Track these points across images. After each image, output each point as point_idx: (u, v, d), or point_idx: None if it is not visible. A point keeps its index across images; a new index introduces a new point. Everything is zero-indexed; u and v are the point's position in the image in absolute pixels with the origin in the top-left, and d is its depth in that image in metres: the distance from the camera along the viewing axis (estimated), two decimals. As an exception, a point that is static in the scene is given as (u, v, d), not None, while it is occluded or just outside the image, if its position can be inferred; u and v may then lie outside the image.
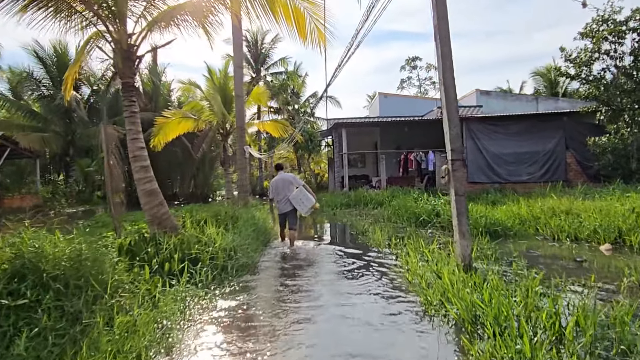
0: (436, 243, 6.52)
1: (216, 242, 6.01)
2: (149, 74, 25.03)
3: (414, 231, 9.37)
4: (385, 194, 16.08)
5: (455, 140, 4.97)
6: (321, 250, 7.97)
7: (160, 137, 14.96)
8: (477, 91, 22.58)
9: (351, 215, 13.84)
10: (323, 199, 18.17)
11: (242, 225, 7.67)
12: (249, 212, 9.81)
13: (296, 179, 8.91)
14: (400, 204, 12.32)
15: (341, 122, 19.95)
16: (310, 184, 30.80)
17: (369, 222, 11.42)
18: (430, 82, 44.96)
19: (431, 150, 18.77)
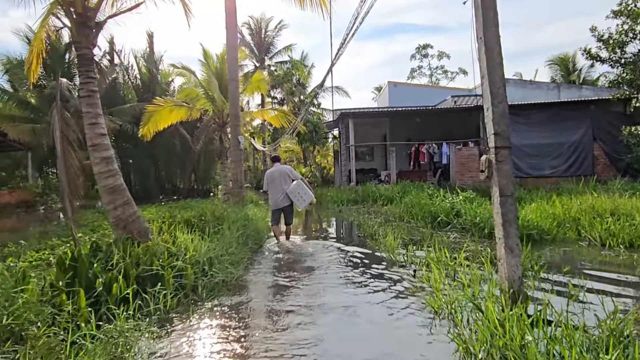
0: (463, 253, 5.22)
1: (188, 252, 4.75)
2: (146, 62, 23.82)
3: (431, 234, 8.07)
4: (395, 190, 14.76)
5: (500, 120, 3.67)
6: (321, 257, 6.70)
7: (150, 126, 13.76)
8: (494, 79, 21.12)
9: (359, 212, 12.56)
10: (328, 193, 16.92)
11: (227, 228, 6.41)
12: (241, 211, 8.58)
13: (293, 171, 8.25)
14: (413, 201, 11.02)
15: (348, 112, 18.62)
16: (315, 177, 29.56)
17: (379, 221, 10.14)
18: (442, 71, 43.19)
19: (445, 142, 17.38)
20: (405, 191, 14.29)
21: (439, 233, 8.28)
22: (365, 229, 8.91)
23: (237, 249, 5.77)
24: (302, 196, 7.84)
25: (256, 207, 13.23)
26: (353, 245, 7.62)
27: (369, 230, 8.58)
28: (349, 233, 9.46)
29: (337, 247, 7.51)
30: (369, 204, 14.52)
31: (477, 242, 6.97)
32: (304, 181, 8.03)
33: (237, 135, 10.16)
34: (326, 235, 9.06)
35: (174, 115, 14.02)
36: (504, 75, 3.68)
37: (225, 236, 5.93)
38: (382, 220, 10.52)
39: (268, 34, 30.90)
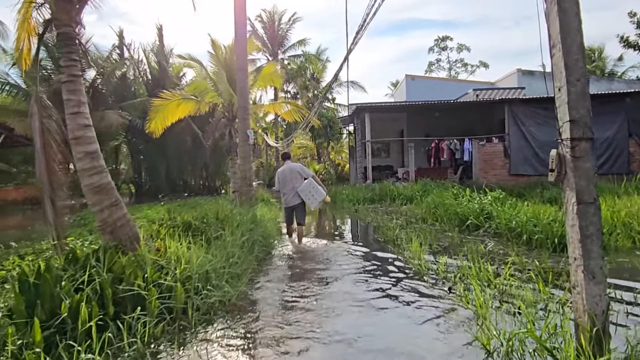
0: (509, 269, 4.36)
1: (179, 265, 3.98)
2: (155, 56, 23.24)
3: (461, 239, 7.20)
4: (415, 188, 13.87)
5: (578, 102, 2.81)
6: (337, 265, 5.89)
7: (158, 121, 13.08)
8: (519, 71, 20.01)
9: (376, 213, 11.71)
10: (343, 192, 16.09)
11: (230, 234, 5.63)
12: (249, 212, 7.80)
13: (304, 169, 7.96)
14: (436, 201, 10.13)
15: (364, 106, 17.74)
16: (329, 175, 28.72)
17: (400, 223, 9.29)
18: (462, 64, 41.61)
19: (467, 138, 16.38)
20: (425, 190, 13.40)
21: (469, 238, 7.40)
22: (385, 232, 8.07)
23: (240, 258, 4.98)
24: (314, 195, 7.57)
25: (267, 206, 12.48)
26: (373, 251, 6.79)
27: (389, 234, 7.73)
28: (367, 236, 8.62)
29: (355, 253, 6.70)
30: (386, 204, 13.66)
31: (516, 250, 6.09)
32: (315, 179, 7.77)
33: (245, 129, 9.40)
34: (342, 239, 8.24)
35: (182, 109, 13.33)
36: (583, 45, 2.79)
37: (227, 243, 5.14)
38: (403, 221, 9.66)
39: (281, 27, 30.10)
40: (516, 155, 15.57)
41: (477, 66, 40.36)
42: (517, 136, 15.56)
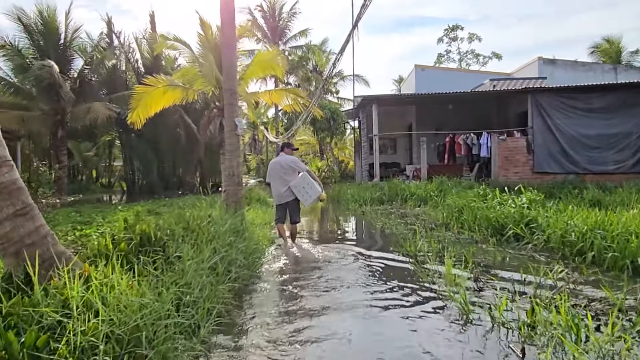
0: (612, 316, 2.82)
1: (86, 319, 2.44)
2: (148, 43, 21.72)
3: (502, 255, 5.64)
4: (429, 188, 12.30)
5: None
6: (344, 292, 4.36)
7: (141, 111, 11.60)
8: (540, 60, 18.40)
9: (388, 216, 10.17)
10: (348, 191, 14.55)
11: (196, 253, 4.08)
12: (233, 217, 6.28)
13: (298, 162, 7.26)
14: (459, 203, 8.55)
15: (371, 97, 16.16)
16: (333, 172, 27.10)
17: (418, 230, 7.76)
18: (473, 55, 39.54)
19: (485, 132, 14.79)
20: (442, 189, 11.84)
21: (511, 253, 5.85)
22: (402, 242, 6.51)
23: (204, 291, 3.42)
24: (308, 191, 6.91)
25: (262, 208, 10.97)
26: (391, 271, 5.24)
27: (408, 246, 6.18)
28: (381, 248, 7.06)
29: (367, 274, 5.15)
30: (397, 205, 12.12)
31: (587, 273, 4.53)
32: (310, 174, 7.09)
33: (232, 117, 7.85)
34: (349, 251, 6.70)
35: (168, 98, 11.84)
36: None
37: (188, 269, 3.58)
38: (421, 228, 8.12)
39: (282, 16, 28.50)
40: (541, 150, 13.98)
41: (490, 58, 38.24)
42: (542, 130, 13.97)
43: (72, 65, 22.20)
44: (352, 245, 7.03)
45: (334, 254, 6.45)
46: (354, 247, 6.89)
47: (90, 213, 11.45)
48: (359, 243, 7.22)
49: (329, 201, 14.80)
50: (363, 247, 6.84)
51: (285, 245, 7.03)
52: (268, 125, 29.84)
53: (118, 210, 11.27)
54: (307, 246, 7.25)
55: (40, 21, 20.55)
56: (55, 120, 20.93)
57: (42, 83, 19.21)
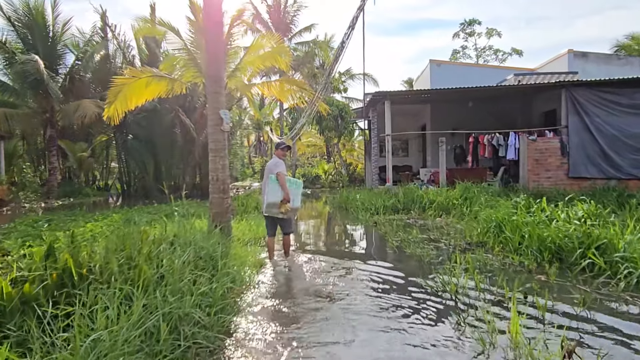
0: None
1: None
2: (145, 39, 20.33)
3: (583, 298, 4.02)
4: (452, 195, 10.68)
5: None
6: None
7: (119, 105, 10.12)
8: (570, 53, 16.70)
9: (404, 228, 8.58)
10: (358, 197, 12.97)
11: (125, 309, 2.53)
12: (208, 240, 4.75)
13: (278, 164, 6.05)
14: (496, 216, 6.89)
15: (384, 93, 14.55)
16: (341, 176, 25.49)
17: (449, 250, 6.17)
18: (492, 51, 37.17)
19: (512, 132, 13.14)
20: (467, 197, 10.21)
21: (578, 286, 4.25)
22: (435, 273, 4.92)
23: None
24: (264, 196, 5.99)
25: (259, 217, 9.41)
26: (425, 331, 3.66)
27: (444, 281, 4.59)
28: (404, 279, 5.47)
29: (389, 326, 3.58)
30: (415, 214, 10.51)
31: None
32: (280, 177, 5.83)
33: (217, 108, 6.33)
34: (359, 280, 5.12)
35: (152, 90, 10.34)
36: None
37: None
38: (450, 246, 6.54)
39: (288, 10, 27.02)
40: (577, 153, 12.29)
41: (509, 54, 35.88)
42: (579, 129, 12.28)
43: (62, 61, 20.91)
44: (363, 272, 5.45)
45: (341, 283, 4.89)
46: (366, 275, 5.31)
47: (65, 221, 10.00)
48: (373, 270, 5.63)
49: (338, 209, 13.23)
50: (379, 277, 5.24)
51: (272, 261, 6.09)
52: (272, 125, 28.33)
53: (93, 219, 9.80)
54: (306, 268, 5.71)
55: (27, 13, 19.22)
56: (44, 118, 19.62)
57: (27, 79, 17.90)
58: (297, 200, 5.99)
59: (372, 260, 6.08)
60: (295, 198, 5.92)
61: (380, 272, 5.40)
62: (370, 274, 5.30)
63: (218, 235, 5.41)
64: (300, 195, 6.18)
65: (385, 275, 5.25)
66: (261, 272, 5.51)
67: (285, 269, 5.73)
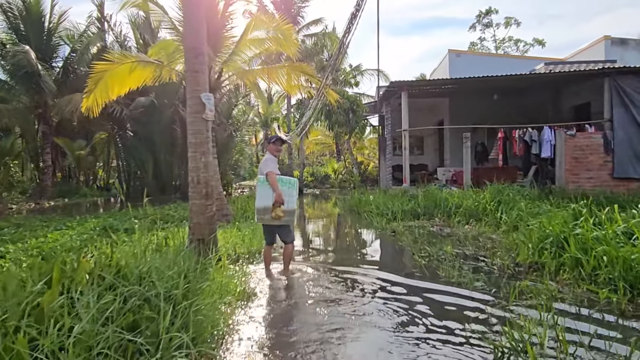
0: None
1: None
2: (138, 30, 19.10)
3: None
4: (483, 199, 9.20)
5: None
6: None
7: (99, 94, 8.86)
8: (607, 40, 15.08)
9: (429, 239, 7.17)
10: (371, 199, 11.56)
11: None
12: (171, 268, 3.38)
13: (268, 161, 5.13)
14: (555, 229, 5.40)
15: (400, 84, 13.07)
16: (352, 175, 23.99)
17: (497, 273, 4.75)
18: (513, 41, 35.03)
19: (547, 126, 11.62)
20: (501, 201, 8.74)
21: None
22: (487, 311, 3.52)
23: None
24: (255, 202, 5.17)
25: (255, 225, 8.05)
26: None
27: (508, 334, 3.18)
28: (442, 321, 4.07)
29: None
30: (439, 220, 9.06)
31: None
32: (269, 178, 4.97)
33: (198, 91, 4.97)
34: (379, 317, 3.75)
35: (136, 77, 9.07)
36: None
37: None
38: (493, 266, 5.12)
39: (295, 2, 25.61)
40: (623, 150, 10.74)
41: (531, 45, 33.94)
42: (625, 122, 10.74)
43: (57, 53, 19.76)
44: (387, 306, 4.05)
45: (357, 327, 3.50)
46: (391, 313, 3.90)
47: (35, 228, 8.73)
48: (401, 305, 4.22)
49: (349, 213, 11.82)
50: (410, 317, 3.83)
51: (268, 274, 5.29)
52: (279, 121, 26.98)
53: (67, 225, 8.51)
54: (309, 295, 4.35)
55: (21, 2, 18.08)
56: (36, 114, 18.48)
57: (19, 71, 16.76)
58: (292, 201, 5.03)
59: (397, 288, 4.66)
60: (289, 199, 4.98)
61: (411, 307, 3.99)
62: (396, 312, 3.89)
63: (191, 258, 4.04)
64: (296, 195, 5.16)
65: (418, 314, 3.83)
66: (249, 305, 4.13)
67: (283, 301, 4.33)
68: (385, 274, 5.17)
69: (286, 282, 5.02)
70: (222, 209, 8.89)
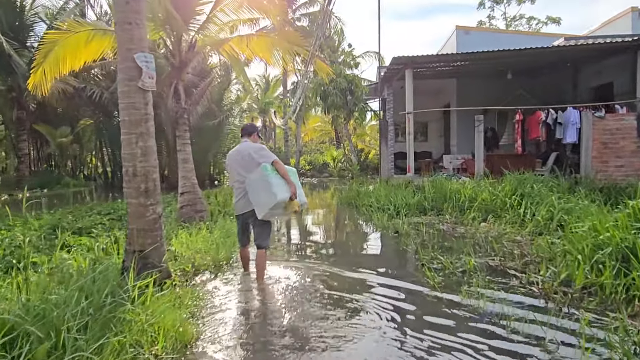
0: None
1: None
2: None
3: None
4: (500, 191, 7.84)
5: None
6: None
7: (49, 69, 7.51)
8: (634, 12, 13.53)
9: (441, 243, 5.87)
10: (370, 190, 10.25)
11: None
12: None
13: (262, 150, 4.28)
14: (617, 235, 4.06)
15: (404, 59, 11.58)
16: (351, 164, 22.58)
17: (542, 297, 3.44)
18: (525, 19, 32.72)
19: (571, 107, 10.23)
20: (524, 194, 7.40)
21: None
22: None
23: None
24: (261, 195, 4.02)
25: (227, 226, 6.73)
26: None
27: None
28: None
29: None
30: (450, 217, 7.71)
31: None
32: (278, 165, 4.10)
33: (131, 50, 3.58)
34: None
35: (93, 49, 7.71)
36: None
37: None
38: (535, 286, 3.79)
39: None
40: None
41: (545, 23, 31.92)
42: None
43: (33, 32, 18.30)
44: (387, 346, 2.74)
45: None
46: None
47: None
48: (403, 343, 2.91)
49: (345, 208, 10.51)
50: None
51: (245, 277, 4.54)
52: (274, 106, 25.55)
53: (6, 224, 7.20)
54: (285, 326, 3.03)
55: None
56: (9, 98, 17.11)
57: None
58: (302, 193, 4.28)
59: (405, 326, 3.33)
60: (299, 191, 4.23)
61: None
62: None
63: (112, 284, 2.75)
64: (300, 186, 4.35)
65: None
66: (196, 346, 2.85)
67: (238, 346, 3.02)
68: (386, 301, 3.79)
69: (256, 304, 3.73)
70: (196, 203, 7.58)
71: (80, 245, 5.79)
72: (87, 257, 4.91)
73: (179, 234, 5.80)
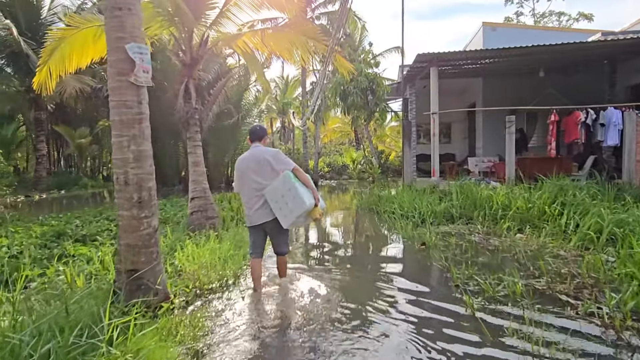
0: None
1: None
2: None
3: None
4: (539, 198, 7.13)
5: None
6: None
7: (54, 67, 7.18)
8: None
9: (474, 258, 5.24)
10: (393, 195, 9.63)
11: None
12: None
13: (279, 156, 4.00)
14: None
15: (429, 56, 10.90)
16: (371, 166, 21.90)
17: (614, 342, 2.80)
18: (555, 15, 31.33)
19: (611, 107, 9.42)
20: (565, 202, 6.69)
21: None
22: None
23: None
24: (288, 202, 3.78)
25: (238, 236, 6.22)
26: None
27: None
28: None
29: None
30: (481, 226, 7.03)
31: None
32: (299, 173, 3.90)
33: (122, 40, 3.10)
34: None
35: (102, 46, 7.27)
36: None
37: None
38: (604, 328, 3.14)
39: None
40: None
41: (576, 19, 30.60)
42: None
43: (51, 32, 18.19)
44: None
45: None
46: None
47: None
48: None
49: (365, 213, 9.91)
50: None
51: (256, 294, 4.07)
52: (293, 107, 25.06)
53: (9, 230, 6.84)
54: None
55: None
56: (28, 98, 17.04)
57: (4, 50, 15.31)
58: (320, 199, 4.04)
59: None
60: (319, 197, 4.03)
61: None
62: None
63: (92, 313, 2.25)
64: None
65: None
66: None
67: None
68: (411, 340, 3.19)
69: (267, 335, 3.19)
70: (207, 209, 7.09)
71: (81, 255, 5.39)
72: (85, 269, 4.50)
73: (185, 244, 5.31)
